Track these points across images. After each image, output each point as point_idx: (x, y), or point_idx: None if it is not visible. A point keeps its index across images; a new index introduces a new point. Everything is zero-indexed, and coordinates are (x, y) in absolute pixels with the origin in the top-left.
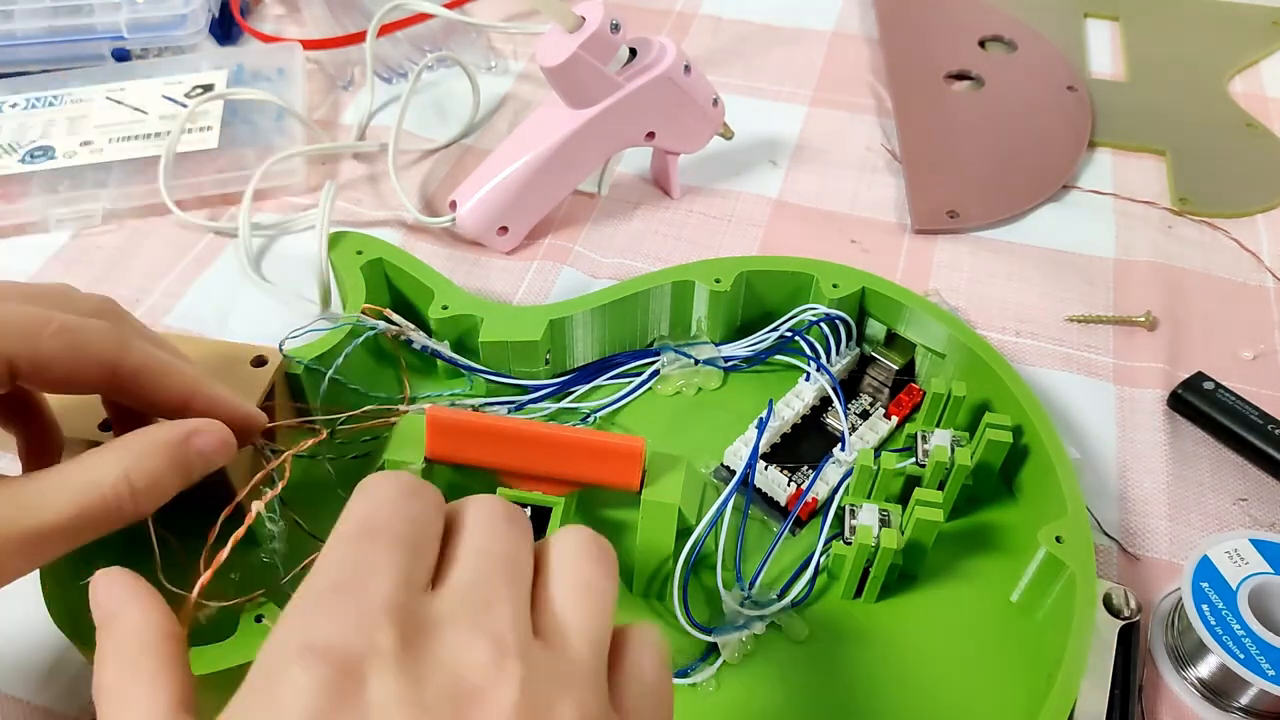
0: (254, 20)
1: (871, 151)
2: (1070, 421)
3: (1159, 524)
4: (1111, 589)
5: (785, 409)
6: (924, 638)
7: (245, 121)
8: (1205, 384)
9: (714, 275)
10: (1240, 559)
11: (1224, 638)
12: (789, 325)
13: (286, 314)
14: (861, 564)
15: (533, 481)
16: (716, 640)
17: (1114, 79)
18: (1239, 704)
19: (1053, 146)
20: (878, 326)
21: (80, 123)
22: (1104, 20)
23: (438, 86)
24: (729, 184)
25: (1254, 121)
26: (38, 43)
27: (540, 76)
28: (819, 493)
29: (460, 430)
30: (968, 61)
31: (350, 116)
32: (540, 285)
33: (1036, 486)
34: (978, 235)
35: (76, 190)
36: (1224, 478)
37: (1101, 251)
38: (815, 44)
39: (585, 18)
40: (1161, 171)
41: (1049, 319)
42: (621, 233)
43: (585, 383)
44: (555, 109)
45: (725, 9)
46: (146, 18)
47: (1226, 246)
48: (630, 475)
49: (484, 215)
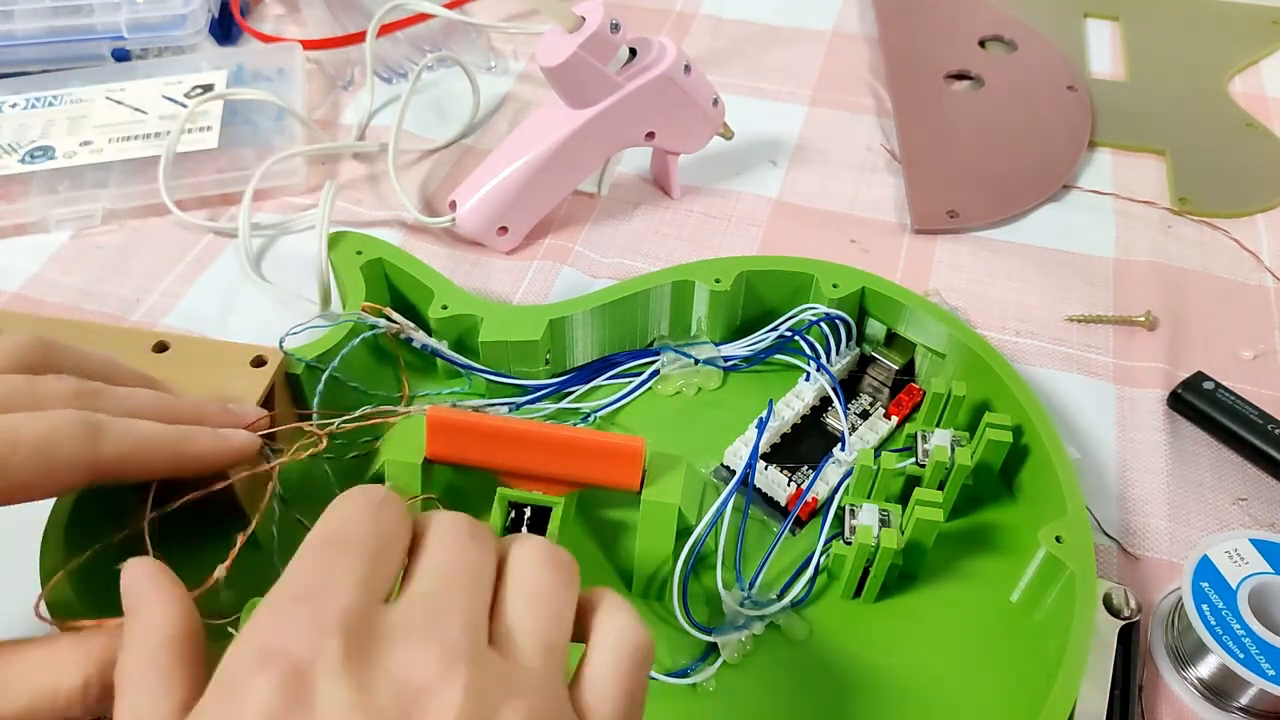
0: (254, 20)
1: (871, 151)
2: (1070, 421)
3: (1159, 524)
4: (1111, 589)
5: (785, 409)
6: (924, 638)
7: (245, 121)
8: (1205, 384)
9: (714, 275)
10: (1240, 559)
11: (1224, 637)
12: (789, 325)
13: (286, 314)
14: (861, 564)
15: (532, 481)
16: (716, 640)
17: (1114, 79)
18: (1239, 704)
19: (1053, 146)
20: (878, 326)
21: (80, 123)
22: (1104, 20)
23: (438, 86)
24: (729, 184)
25: (1254, 121)
26: (38, 43)
27: (540, 76)
28: (819, 493)
29: (460, 430)
30: (967, 61)
31: (350, 116)
32: (540, 285)
33: (1036, 486)
34: (978, 235)
35: (76, 190)
36: (1224, 477)
37: (1101, 251)
38: (815, 44)
39: (585, 18)
40: (1161, 171)
41: (1049, 319)
42: (621, 233)
43: (585, 383)
44: (555, 109)
45: (725, 9)
46: (146, 18)
47: (1226, 246)
48: (630, 475)
49: (484, 215)
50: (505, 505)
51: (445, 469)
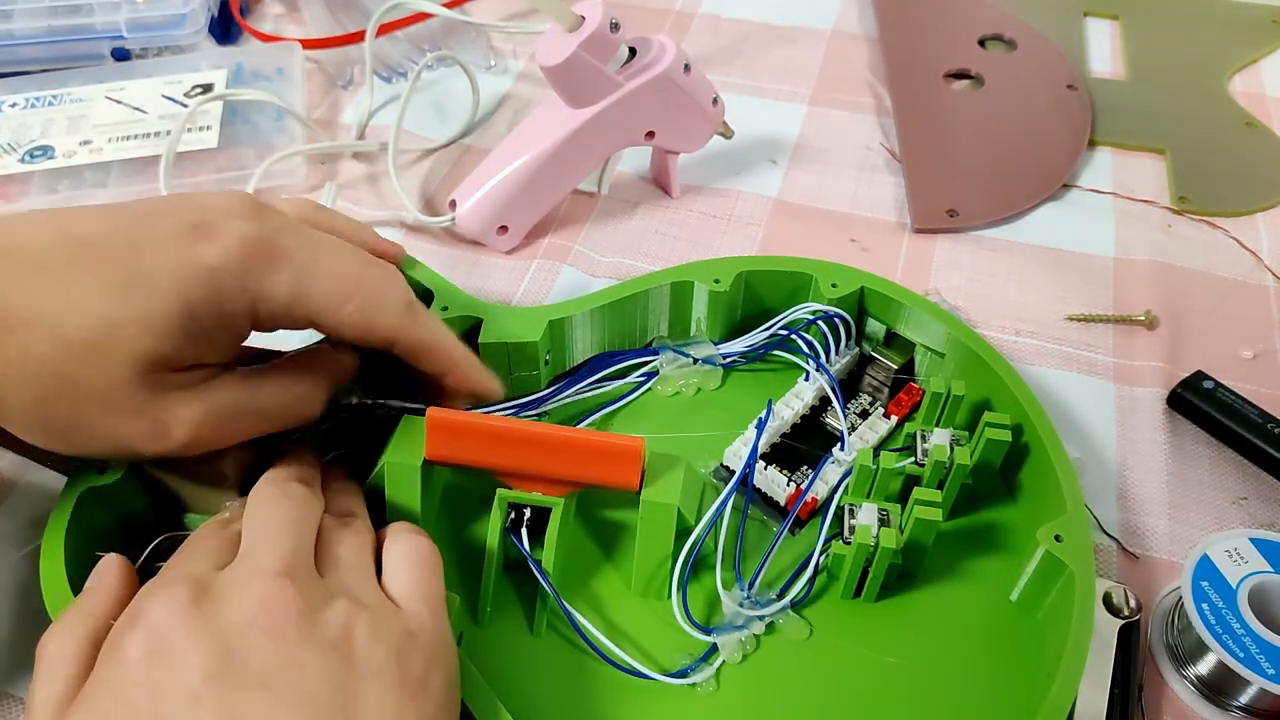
0: (253, 20)
1: (871, 150)
2: (1070, 421)
3: (1159, 523)
4: (1111, 588)
5: (785, 409)
6: (924, 637)
7: (245, 121)
8: (1205, 383)
9: (713, 275)
10: (1240, 558)
11: (1224, 636)
12: (785, 322)
13: None
14: (861, 564)
15: (532, 482)
16: (716, 640)
17: (1114, 78)
18: (1239, 703)
19: (1052, 145)
20: (877, 326)
21: (80, 122)
22: (1104, 19)
23: (437, 86)
24: (729, 183)
25: (1254, 120)
26: (37, 42)
27: (540, 76)
28: (818, 492)
29: (460, 431)
30: (967, 60)
31: (350, 116)
32: (540, 285)
33: (1036, 485)
34: (977, 234)
35: (76, 190)
36: (1223, 477)
37: (1101, 250)
38: (815, 43)
39: (585, 17)
40: (1161, 170)
41: (1049, 318)
42: (621, 232)
43: (584, 383)
44: (555, 108)
45: (725, 8)
46: (146, 17)
47: (1226, 245)
48: (629, 475)
49: (484, 215)
50: (505, 506)
51: (445, 470)
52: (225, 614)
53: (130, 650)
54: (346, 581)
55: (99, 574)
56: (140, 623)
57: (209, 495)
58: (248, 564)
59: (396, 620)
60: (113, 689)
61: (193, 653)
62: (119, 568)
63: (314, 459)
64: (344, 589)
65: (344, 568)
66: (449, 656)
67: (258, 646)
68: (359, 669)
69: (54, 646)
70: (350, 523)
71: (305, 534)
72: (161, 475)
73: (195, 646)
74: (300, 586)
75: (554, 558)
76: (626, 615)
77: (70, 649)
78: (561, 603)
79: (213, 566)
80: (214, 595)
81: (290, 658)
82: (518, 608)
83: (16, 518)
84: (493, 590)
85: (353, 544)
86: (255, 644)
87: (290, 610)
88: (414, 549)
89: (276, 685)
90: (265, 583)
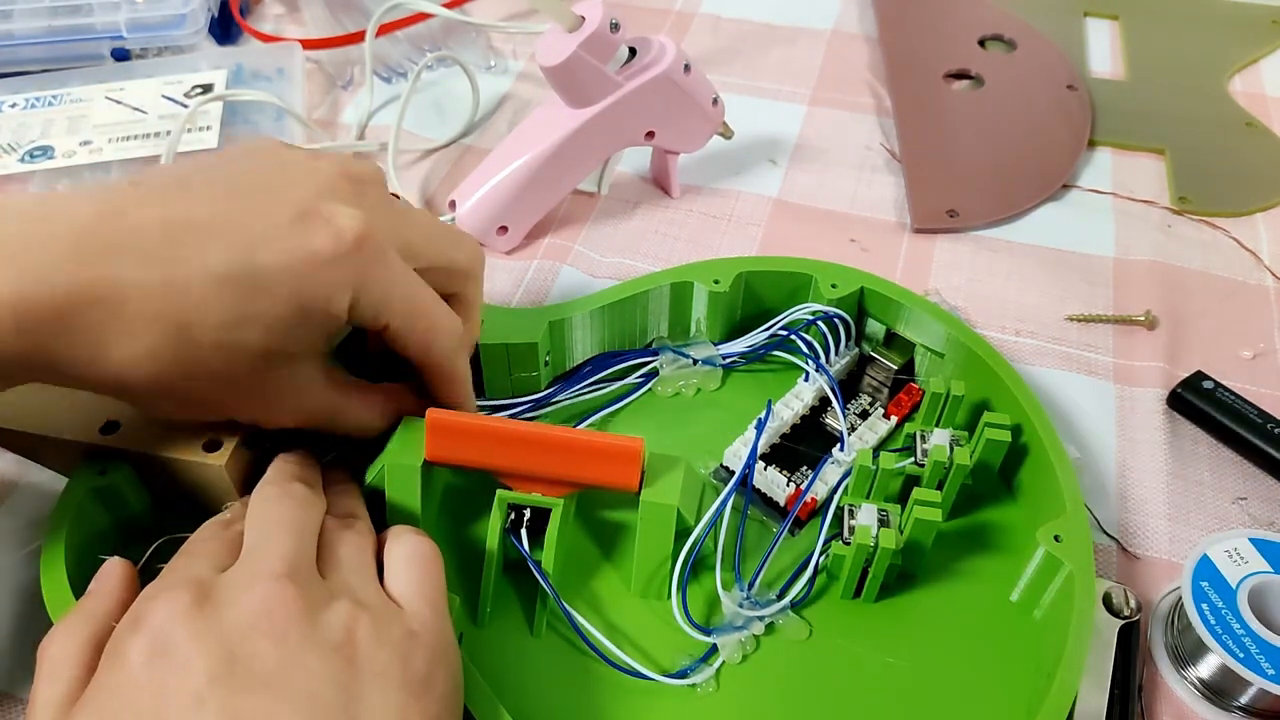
0: (253, 20)
1: (871, 151)
2: (1070, 421)
3: (1158, 523)
4: (1111, 588)
5: (784, 409)
6: (923, 637)
7: (245, 121)
8: (1205, 383)
9: (713, 276)
10: (1240, 558)
11: (1224, 637)
12: (785, 322)
13: None
14: (860, 564)
15: (532, 483)
16: (716, 641)
17: (1114, 78)
18: (1239, 703)
19: (1052, 145)
20: (877, 326)
21: (80, 122)
22: (1104, 19)
23: (437, 86)
24: (729, 183)
25: (1254, 121)
26: (37, 43)
27: (540, 76)
28: (818, 493)
29: (460, 432)
30: (967, 60)
31: (350, 116)
32: (540, 285)
33: (1035, 486)
34: (977, 234)
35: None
36: (1223, 477)
37: (1101, 251)
38: (815, 43)
39: (585, 17)
40: (1161, 170)
41: (1048, 318)
42: (621, 232)
43: (584, 383)
44: (555, 109)
45: (725, 8)
46: (146, 17)
47: (1226, 245)
48: (629, 476)
49: (484, 215)
50: (504, 507)
51: (445, 470)
52: (228, 617)
53: (133, 653)
54: (349, 582)
55: (101, 576)
56: (143, 626)
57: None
58: (250, 566)
59: (399, 621)
60: (116, 692)
61: (196, 656)
62: (122, 570)
63: (314, 459)
64: (346, 590)
65: (346, 569)
66: (452, 656)
67: (260, 649)
68: (362, 670)
69: (56, 648)
70: (352, 524)
71: (307, 535)
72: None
73: (198, 649)
74: (302, 588)
75: (554, 558)
76: (626, 616)
77: (72, 651)
78: (561, 603)
79: (214, 568)
80: (216, 598)
81: (293, 659)
82: (517, 608)
83: (16, 518)
84: (492, 591)
85: (354, 545)
86: (258, 646)
87: (292, 612)
88: (415, 549)
89: (280, 687)
90: (267, 585)
